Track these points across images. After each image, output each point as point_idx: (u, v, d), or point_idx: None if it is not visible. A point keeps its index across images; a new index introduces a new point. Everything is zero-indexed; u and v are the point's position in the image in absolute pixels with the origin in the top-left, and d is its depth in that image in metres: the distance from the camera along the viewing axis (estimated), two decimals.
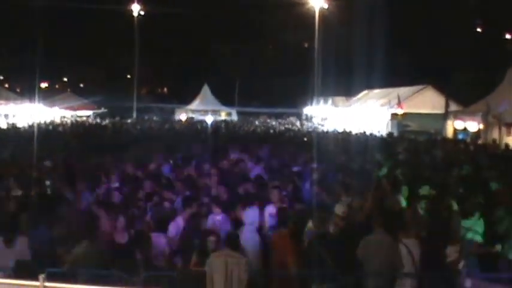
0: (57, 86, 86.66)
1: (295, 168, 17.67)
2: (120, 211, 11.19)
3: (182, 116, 65.82)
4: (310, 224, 10.42)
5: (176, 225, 11.06)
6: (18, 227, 10.08)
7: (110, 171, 16.20)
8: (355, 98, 58.76)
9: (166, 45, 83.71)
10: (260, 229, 11.11)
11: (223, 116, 68.16)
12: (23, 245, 9.55)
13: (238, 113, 71.61)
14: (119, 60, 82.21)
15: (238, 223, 11.16)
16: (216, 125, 50.49)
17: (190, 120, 60.98)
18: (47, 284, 4.42)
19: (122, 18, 70.42)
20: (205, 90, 70.35)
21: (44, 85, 79.35)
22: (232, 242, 9.17)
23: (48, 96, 59.19)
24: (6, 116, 48.24)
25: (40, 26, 60.43)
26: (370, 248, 9.15)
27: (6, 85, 70.19)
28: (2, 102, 46.76)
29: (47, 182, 14.74)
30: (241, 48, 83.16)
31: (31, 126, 40.36)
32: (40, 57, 49.59)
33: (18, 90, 65.53)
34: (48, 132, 37.43)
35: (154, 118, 62.18)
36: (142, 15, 68.30)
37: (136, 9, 67.53)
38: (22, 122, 44.86)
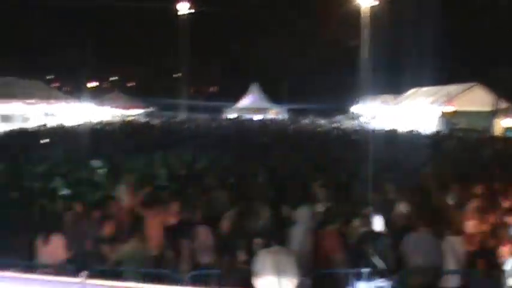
0: (105, 86, 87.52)
1: (342, 166, 17.57)
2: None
3: (231, 115, 66.08)
4: (357, 222, 10.42)
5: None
6: (61, 225, 10.19)
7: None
8: (403, 96, 58.30)
9: (216, 43, 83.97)
10: (309, 227, 10.80)
11: (271, 115, 68.11)
12: (61, 243, 9.62)
13: (287, 111, 71.50)
14: (167, 59, 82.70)
15: (287, 221, 11.07)
16: (264, 123, 50.48)
17: (238, 118, 61.17)
18: (88, 281, 4.27)
19: (171, 17, 70.84)
20: (254, 88, 70.42)
21: (92, 84, 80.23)
22: (280, 239, 9.28)
23: (97, 96, 59.94)
24: (54, 115, 49.02)
25: (89, 26, 61.30)
26: (414, 244, 9.22)
27: (56, 84, 71.38)
28: (51, 101, 47.50)
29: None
30: (290, 47, 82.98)
31: (79, 126, 40.98)
32: (88, 57, 50.25)
33: (67, 89, 66.46)
34: (97, 132, 37.85)
35: (203, 117, 62.41)
36: (192, 14, 68.53)
37: (185, 7, 67.78)
38: (70, 121, 45.57)
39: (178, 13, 67.99)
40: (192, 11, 68.17)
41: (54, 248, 9.48)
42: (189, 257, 10.01)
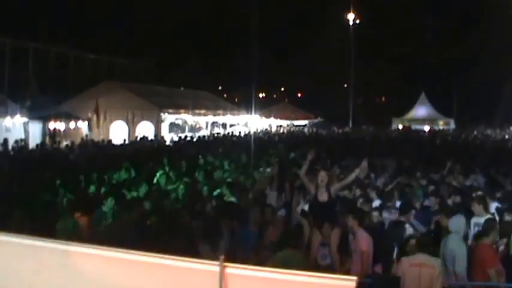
0: (274, 96, 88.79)
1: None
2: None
3: (399, 125, 65.07)
4: None
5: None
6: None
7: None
8: None
9: (383, 54, 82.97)
10: (465, 238, 10.84)
11: (440, 125, 66.29)
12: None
13: (456, 122, 69.22)
14: (335, 69, 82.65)
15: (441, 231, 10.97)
16: (433, 134, 49.20)
17: (406, 129, 60.12)
18: (226, 264, 4.56)
19: (338, 27, 70.77)
20: (423, 99, 68.95)
21: (261, 95, 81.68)
22: (426, 245, 9.19)
23: (265, 106, 60.82)
24: (224, 125, 50.32)
25: (258, 37, 62.29)
26: None
27: (225, 95, 73.33)
28: (219, 112, 48.68)
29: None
30: (458, 57, 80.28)
31: (247, 135, 41.69)
32: (257, 67, 51.04)
33: (235, 99, 68.01)
34: (263, 142, 38.27)
35: (369, 127, 61.86)
36: (357, 23, 68.10)
37: (351, 18, 67.44)
38: (239, 131, 46.62)
39: (347, 23, 67.88)
40: (357, 21, 67.81)
41: None
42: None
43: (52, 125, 37.42)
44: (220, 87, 78.65)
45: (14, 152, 28.55)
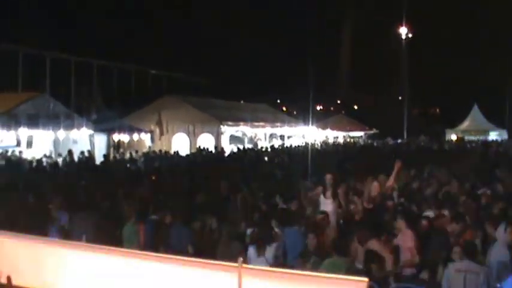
0: (331, 108, 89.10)
1: None
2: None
3: (452, 136, 64.88)
4: None
5: None
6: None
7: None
8: None
9: (436, 65, 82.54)
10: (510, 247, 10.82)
11: (493, 137, 65.84)
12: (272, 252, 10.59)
13: (509, 133, 68.59)
14: (392, 81, 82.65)
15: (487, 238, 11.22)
16: (486, 145, 48.97)
17: (459, 140, 59.98)
18: (244, 266, 4.89)
19: (391, 40, 71.09)
20: (475, 110, 68.56)
21: (318, 107, 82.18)
22: (471, 252, 9.44)
23: (322, 118, 61.51)
24: (281, 137, 51.27)
25: (318, 52, 63.05)
26: None
27: (284, 108, 74.26)
28: (277, 124, 49.62)
29: None
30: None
31: (303, 146, 42.56)
32: (315, 81, 51.77)
33: (293, 112, 68.74)
34: (319, 152, 38.99)
35: (423, 138, 61.96)
36: (411, 37, 68.33)
37: (404, 31, 67.70)
38: (295, 142, 47.56)
39: (400, 36, 68.12)
40: (413, 34, 68.04)
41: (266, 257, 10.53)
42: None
43: (116, 136, 38.78)
44: (278, 100, 79.42)
45: (79, 162, 30.15)
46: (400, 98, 78.66)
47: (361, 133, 66.14)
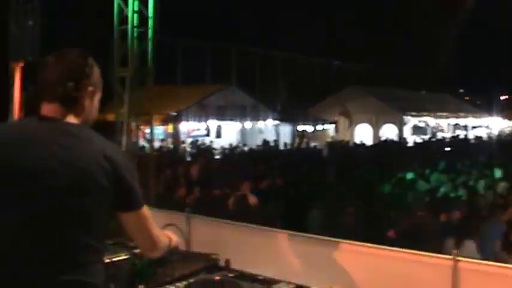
0: None
1: None
2: None
3: None
4: None
5: None
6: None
7: None
8: None
9: None
10: None
11: None
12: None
13: None
14: None
15: None
16: None
17: None
18: (460, 258, 4.69)
19: None
20: None
21: (504, 97, 79.42)
22: None
23: (508, 108, 59.72)
24: (465, 127, 50.54)
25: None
26: None
27: (467, 98, 72.43)
28: (461, 114, 48.99)
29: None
30: None
31: (487, 137, 41.85)
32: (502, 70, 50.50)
33: (478, 102, 67.04)
34: (505, 143, 38.08)
35: None
36: None
37: None
38: (478, 133, 47.21)
39: None
40: None
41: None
42: None
43: (301, 127, 40.21)
44: (461, 90, 77.46)
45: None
46: None
47: None
